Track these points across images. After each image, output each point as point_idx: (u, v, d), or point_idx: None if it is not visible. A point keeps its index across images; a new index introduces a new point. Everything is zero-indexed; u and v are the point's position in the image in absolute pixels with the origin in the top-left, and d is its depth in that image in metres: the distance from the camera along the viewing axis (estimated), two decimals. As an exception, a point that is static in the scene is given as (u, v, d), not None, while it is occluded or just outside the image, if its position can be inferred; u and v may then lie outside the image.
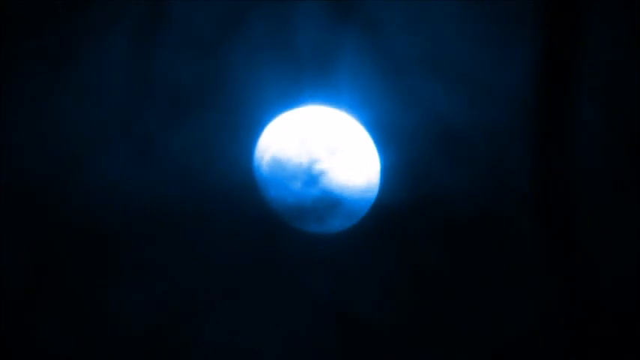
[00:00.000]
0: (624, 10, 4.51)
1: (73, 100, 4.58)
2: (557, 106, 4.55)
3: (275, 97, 4.51)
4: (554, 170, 4.56)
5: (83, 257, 4.52)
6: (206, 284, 4.53)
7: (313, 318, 4.56)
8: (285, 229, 4.49)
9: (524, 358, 4.53)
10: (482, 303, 4.55)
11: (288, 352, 4.55)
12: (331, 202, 4.37)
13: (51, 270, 4.51)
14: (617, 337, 4.48)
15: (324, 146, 4.37)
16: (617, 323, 4.47)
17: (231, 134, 4.54)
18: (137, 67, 4.59)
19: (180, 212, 4.54)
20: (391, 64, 4.55)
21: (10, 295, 4.48)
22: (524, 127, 4.56)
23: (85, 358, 4.48)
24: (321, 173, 4.34)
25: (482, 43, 4.54)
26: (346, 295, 4.57)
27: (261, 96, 4.52)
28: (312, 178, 4.34)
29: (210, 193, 4.53)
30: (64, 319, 4.49)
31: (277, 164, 4.38)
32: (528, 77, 4.54)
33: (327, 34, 4.55)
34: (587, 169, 4.53)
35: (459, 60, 4.54)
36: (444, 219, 4.57)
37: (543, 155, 4.56)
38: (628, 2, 4.50)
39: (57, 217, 4.52)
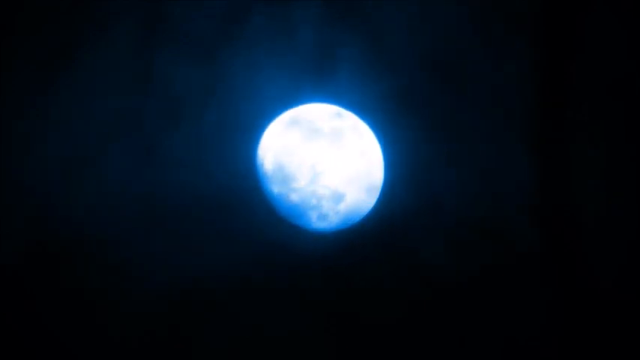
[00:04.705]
0: (623, 10, 4.54)
1: (72, 101, 4.57)
2: (558, 107, 4.57)
3: (276, 96, 4.52)
4: (554, 173, 4.57)
5: (83, 257, 4.51)
6: (207, 283, 4.52)
7: (313, 318, 4.55)
8: (287, 228, 4.49)
9: (525, 359, 4.53)
10: (482, 305, 4.55)
11: (288, 352, 4.54)
12: (333, 201, 4.37)
13: (51, 270, 4.49)
14: (616, 338, 4.49)
15: (325, 145, 4.37)
16: (616, 324, 4.49)
17: (233, 134, 4.54)
18: (137, 67, 4.59)
19: (181, 212, 4.53)
20: (391, 64, 4.57)
21: (11, 295, 4.47)
22: (525, 128, 4.58)
23: (85, 357, 4.47)
24: (323, 172, 4.35)
25: (482, 42, 4.56)
26: (346, 295, 4.57)
27: (263, 95, 4.54)
28: (314, 176, 4.35)
29: (212, 192, 4.53)
30: (65, 319, 4.48)
31: (279, 163, 4.39)
32: (529, 78, 4.57)
33: (327, 34, 4.57)
34: (588, 171, 4.55)
35: (459, 60, 4.56)
36: (445, 219, 4.58)
37: (543, 157, 4.58)
38: (627, 3, 4.54)
39: (57, 217, 4.50)
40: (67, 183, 4.53)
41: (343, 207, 4.40)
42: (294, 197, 4.37)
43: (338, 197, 4.38)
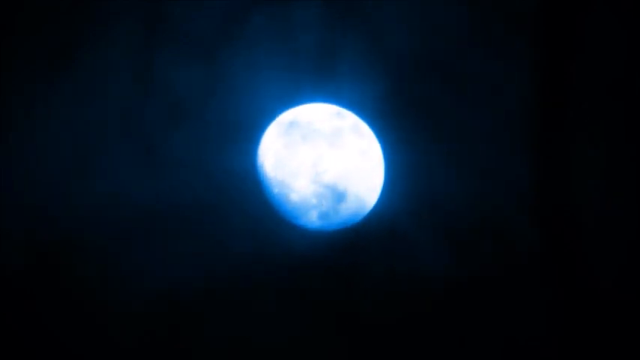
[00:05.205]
0: (623, 10, 4.54)
1: (72, 102, 4.57)
2: (558, 107, 4.57)
3: (276, 96, 4.52)
4: (554, 173, 4.57)
5: (83, 257, 4.50)
6: (207, 283, 4.52)
7: (313, 318, 4.55)
8: (287, 228, 4.48)
9: (525, 359, 4.53)
10: (482, 305, 4.55)
11: (288, 352, 4.54)
12: (334, 200, 4.37)
13: (52, 270, 4.49)
14: (616, 338, 4.49)
15: (325, 145, 4.37)
16: (616, 324, 4.48)
17: (233, 134, 4.54)
18: (137, 67, 4.59)
19: (181, 212, 4.53)
20: (391, 64, 4.56)
21: (11, 295, 4.47)
22: (525, 128, 4.58)
23: (85, 357, 4.46)
24: (323, 172, 4.34)
25: (482, 42, 4.56)
26: (346, 295, 4.57)
27: (263, 95, 4.53)
28: (314, 176, 4.35)
29: (212, 193, 4.52)
30: (65, 319, 4.47)
31: (279, 163, 4.39)
32: (529, 78, 4.56)
33: (327, 34, 4.56)
34: (588, 171, 4.55)
35: (459, 60, 4.56)
36: (445, 219, 4.57)
37: (543, 157, 4.57)
38: (627, 3, 4.53)
39: (57, 217, 4.50)
40: (67, 183, 4.53)
41: (343, 207, 4.40)
42: (294, 197, 4.37)
43: (338, 197, 4.38)
